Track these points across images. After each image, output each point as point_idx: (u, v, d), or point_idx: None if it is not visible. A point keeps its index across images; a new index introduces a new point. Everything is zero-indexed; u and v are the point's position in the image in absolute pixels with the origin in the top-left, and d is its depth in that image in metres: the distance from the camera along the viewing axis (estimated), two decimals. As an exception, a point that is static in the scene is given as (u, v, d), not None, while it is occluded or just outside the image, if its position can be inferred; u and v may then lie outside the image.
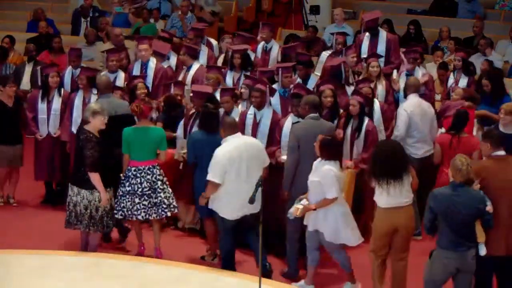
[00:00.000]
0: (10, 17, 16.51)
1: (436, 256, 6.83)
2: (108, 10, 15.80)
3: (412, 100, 9.32)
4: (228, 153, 7.78)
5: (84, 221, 8.10)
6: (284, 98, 9.42)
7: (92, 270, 7.86)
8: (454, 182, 6.76)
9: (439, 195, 6.78)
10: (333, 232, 7.60)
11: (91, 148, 7.96)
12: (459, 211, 6.66)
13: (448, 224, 6.70)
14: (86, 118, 8.15)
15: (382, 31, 11.25)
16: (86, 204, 8.05)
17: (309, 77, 9.90)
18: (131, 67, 10.65)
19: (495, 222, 6.86)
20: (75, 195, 8.09)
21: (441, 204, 6.73)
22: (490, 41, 12.90)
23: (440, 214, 6.74)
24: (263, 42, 11.33)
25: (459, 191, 6.71)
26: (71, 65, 10.63)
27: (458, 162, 6.75)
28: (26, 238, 9.00)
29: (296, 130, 8.15)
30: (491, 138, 7.18)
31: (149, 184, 8.19)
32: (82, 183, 8.03)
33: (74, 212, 8.11)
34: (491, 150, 7.12)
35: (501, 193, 6.94)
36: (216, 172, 7.76)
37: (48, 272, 7.79)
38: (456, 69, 10.79)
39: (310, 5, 15.44)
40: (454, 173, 6.75)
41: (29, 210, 9.91)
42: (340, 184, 7.64)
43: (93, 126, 8.08)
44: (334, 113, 9.05)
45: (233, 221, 7.90)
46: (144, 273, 7.85)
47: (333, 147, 7.67)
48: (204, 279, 7.79)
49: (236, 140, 7.91)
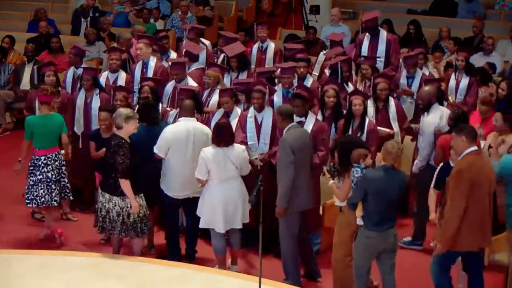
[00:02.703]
0: (10, 17, 16.51)
1: (362, 237, 7.11)
2: (108, 10, 15.82)
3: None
4: (176, 132, 8.25)
5: (117, 228, 8.02)
6: (287, 99, 9.42)
7: (92, 270, 7.85)
8: (385, 165, 7.05)
9: (371, 176, 7.06)
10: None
11: (123, 154, 7.83)
12: (387, 192, 6.98)
13: (376, 204, 6.99)
14: (118, 124, 7.96)
15: (382, 31, 11.27)
16: (118, 210, 7.96)
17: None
18: (134, 67, 10.65)
19: (472, 218, 6.88)
20: (107, 202, 7.99)
21: (372, 185, 7.00)
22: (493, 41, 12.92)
23: (371, 195, 7.02)
24: (258, 42, 11.35)
25: (389, 174, 7.00)
26: (72, 64, 10.63)
27: (389, 146, 7.06)
28: (26, 238, 9.00)
29: (288, 142, 7.76)
30: (466, 132, 7.09)
31: (57, 170, 8.71)
32: (113, 190, 7.93)
33: (108, 218, 8.02)
34: (466, 144, 7.02)
35: (478, 189, 6.92)
36: (160, 147, 8.24)
37: (48, 272, 7.79)
38: (458, 69, 10.77)
39: (310, 5, 15.45)
40: (385, 156, 7.04)
41: (29, 209, 9.89)
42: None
43: (125, 132, 7.95)
44: (337, 113, 9.04)
45: (175, 199, 8.34)
46: (144, 273, 7.85)
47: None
48: (204, 279, 7.78)
49: (187, 123, 8.32)
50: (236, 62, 10.38)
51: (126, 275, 7.79)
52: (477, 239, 7.01)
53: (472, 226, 6.94)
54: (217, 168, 7.94)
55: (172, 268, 8.00)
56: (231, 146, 8.04)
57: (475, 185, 6.90)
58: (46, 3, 16.52)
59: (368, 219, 7.07)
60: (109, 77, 10.43)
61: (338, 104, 9.06)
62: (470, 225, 6.92)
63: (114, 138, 7.96)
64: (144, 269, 7.94)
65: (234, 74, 10.40)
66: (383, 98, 9.38)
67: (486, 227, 7.04)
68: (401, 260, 7.66)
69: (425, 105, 8.82)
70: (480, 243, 7.08)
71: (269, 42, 11.43)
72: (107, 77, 10.46)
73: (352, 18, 15.67)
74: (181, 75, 9.87)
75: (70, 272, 7.77)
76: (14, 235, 9.14)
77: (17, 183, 10.50)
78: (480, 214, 6.96)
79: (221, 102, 9.04)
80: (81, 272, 7.78)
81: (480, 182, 6.93)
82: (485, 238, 7.09)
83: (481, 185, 6.93)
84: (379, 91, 9.37)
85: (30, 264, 7.94)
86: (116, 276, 7.77)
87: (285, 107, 8.22)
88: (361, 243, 7.13)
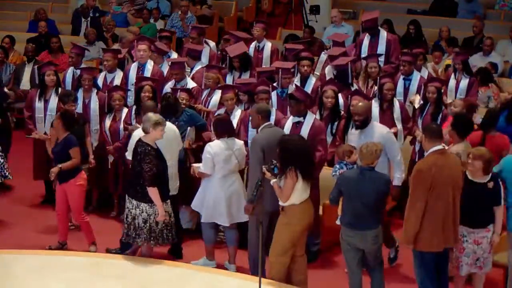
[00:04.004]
0: (10, 17, 16.52)
1: (342, 235, 7.21)
2: (108, 10, 15.83)
3: None
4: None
5: (143, 235, 7.85)
6: (282, 99, 9.43)
7: (92, 270, 7.84)
8: (362, 166, 7.09)
9: (347, 177, 7.14)
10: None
11: (150, 162, 7.67)
12: (361, 194, 6.99)
13: (351, 204, 7.04)
14: (146, 129, 7.80)
15: (382, 31, 11.28)
16: (145, 217, 7.81)
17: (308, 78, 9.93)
18: (128, 68, 10.62)
19: (434, 218, 6.87)
20: (134, 208, 7.87)
21: (348, 185, 7.06)
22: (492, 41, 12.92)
23: (345, 195, 7.07)
24: (255, 41, 11.36)
25: (364, 175, 7.02)
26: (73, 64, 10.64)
27: (363, 147, 7.10)
28: (26, 238, 9.00)
29: (259, 142, 7.79)
30: (428, 131, 7.09)
31: None
32: (141, 197, 7.79)
33: (133, 225, 7.91)
34: (429, 144, 7.01)
35: (439, 189, 6.89)
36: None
37: (48, 272, 7.78)
38: (457, 70, 10.76)
39: (310, 5, 15.45)
40: (363, 158, 7.06)
41: (29, 210, 9.90)
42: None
43: (152, 138, 7.79)
44: (334, 114, 9.03)
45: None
46: (144, 273, 7.84)
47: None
48: (204, 279, 7.77)
49: None
50: (238, 62, 10.38)
51: (126, 275, 7.79)
52: (439, 239, 6.95)
53: (434, 226, 6.90)
54: (223, 161, 7.98)
55: (172, 268, 8.00)
56: (233, 139, 8.10)
57: (436, 185, 6.86)
58: (46, 3, 16.53)
59: (343, 217, 7.18)
60: (107, 77, 10.45)
61: (336, 104, 9.06)
62: (431, 225, 6.89)
63: (141, 145, 7.80)
64: (144, 269, 7.93)
65: (237, 74, 10.41)
66: (389, 98, 9.36)
67: (449, 227, 6.97)
68: (402, 258, 7.67)
69: (362, 121, 8.18)
70: (443, 243, 7.01)
71: (266, 42, 11.43)
72: (104, 77, 10.48)
73: (352, 18, 15.66)
74: (180, 74, 9.87)
75: (70, 272, 7.76)
76: (14, 235, 9.14)
77: (17, 183, 10.52)
78: (442, 214, 6.91)
79: (225, 99, 9.02)
80: (81, 272, 7.77)
81: (442, 182, 6.87)
82: (448, 238, 7.00)
83: (443, 185, 6.88)
84: (386, 91, 9.34)
85: (30, 264, 7.92)
86: (116, 276, 7.77)
87: (264, 106, 8.27)
88: (342, 240, 7.22)
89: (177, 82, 9.85)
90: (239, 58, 10.40)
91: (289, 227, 7.32)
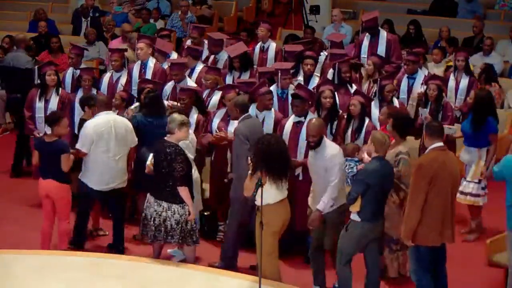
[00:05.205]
0: (10, 17, 16.53)
1: (356, 228, 7.20)
2: (108, 10, 15.84)
3: None
4: (97, 126, 8.43)
5: (176, 236, 7.89)
6: (282, 99, 9.43)
7: (92, 270, 7.85)
8: (379, 156, 7.20)
9: (371, 170, 7.15)
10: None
11: (181, 162, 7.73)
12: (386, 182, 7.21)
13: (375, 196, 7.13)
14: (171, 129, 7.85)
15: (382, 31, 11.28)
16: (177, 218, 7.84)
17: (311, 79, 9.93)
18: (131, 67, 10.64)
19: (432, 213, 6.95)
20: (164, 211, 7.85)
21: (373, 177, 7.10)
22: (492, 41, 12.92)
23: (373, 187, 7.10)
24: (260, 42, 11.36)
25: (384, 164, 7.21)
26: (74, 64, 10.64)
27: (380, 136, 7.20)
28: (26, 238, 9.00)
29: (241, 130, 8.06)
30: (429, 129, 7.22)
31: None
32: (172, 198, 7.82)
33: (163, 227, 7.90)
34: (430, 140, 7.14)
35: (439, 184, 6.97)
36: (84, 142, 8.45)
37: (48, 272, 7.79)
38: (457, 69, 10.76)
39: (310, 5, 15.45)
40: (379, 147, 7.18)
41: (29, 210, 9.90)
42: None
43: (176, 138, 7.84)
44: (333, 114, 9.03)
45: (96, 191, 8.52)
46: (144, 273, 7.85)
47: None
48: (204, 279, 7.79)
49: (107, 117, 8.53)
50: (238, 62, 10.38)
51: (126, 275, 7.79)
52: (437, 235, 7.04)
53: (433, 221, 7.00)
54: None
55: (172, 268, 8.01)
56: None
57: (436, 180, 6.95)
58: (46, 3, 16.55)
59: (365, 212, 7.15)
60: (113, 76, 10.48)
61: (334, 105, 9.06)
62: (430, 220, 6.98)
63: (169, 146, 7.79)
64: (144, 269, 7.94)
65: (237, 74, 10.41)
66: (389, 100, 9.37)
67: (447, 223, 7.06)
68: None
69: (316, 141, 7.62)
70: (441, 239, 7.10)
71: (271, 42, 11.43)
72: (110, 76, 10.51)
73: (352, 18, 15.67)
74: (180, 75, 9.88)
75: (70, 272, 7.77)
76: (14, 235, 9.14)
77: (17, 183, 10.54)
78: (441, 210, 7.00)
79: (227, 98, 9.02)
80: (81, 272, 7.78)
81: (442, 177, 6.97)
82: (446, 234, 7.08)
83: (442, 180, 6.97)
84: (387, 92, 9.35)
85: (30, 264, 7.94)
86: (116, 276, 7.78)
87: (242, 98, 8.48)
88: (355, 234, 7.22)
89: (177, 83, 9.85)
90: (239, 58, 10.39)
91: (265, 226, 7.38)
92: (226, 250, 8.25)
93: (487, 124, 8.91)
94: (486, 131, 8.90)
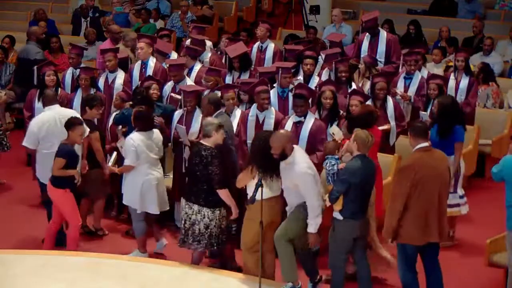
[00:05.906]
0: (10, 17, 16.53)
1: (339, 227, 7.23)
2: (108, 10, 15.83)
3: None
4: (41, 122, 8.64)
5: (204, 240, 7.79)
6: (282, 98, 9.43)
7: (92, 270, 7.85)
8: (360, 154, 7.19)
9: (353, 168, 7.15)
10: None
11: (218, 164, 7.65)
12: (366, 182, 7.19)
13: (357, 194, 7.13)
14: (208, 132, 7.75)
15: (382, 31, 11.28)
16: (207, 222, 7.75)
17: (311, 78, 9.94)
18: (132, 67, 10.64)
19: (416, 213, 6.97)
20: (194, 214, 7.76)
21: (355, 176, 7.10)
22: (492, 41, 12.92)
23: (354, 186, 7.11)
24: (258, 42, 11.36)
25: (366, 162, 7.20)
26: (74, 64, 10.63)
27: (363, 135, 7.20)
28: (26, 238, 9.00)
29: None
30: (413, 129, 7.23)
31: None
32: (204, 202, 7.73)
33: (191, 230, 7.81)
34: (415, 141, 7.16)
35: (423, 185, 6.98)
36: (29, 139, 8.70)
37: (48, 272, 7.79)
38: (457, 69, 10.75)
39: (310, 5, 15.45)
40: (361, 146, 7.18)
41: (29, 210, 9.90)
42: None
43: (213, 141, 7.73)
44: (333, 114, 9.04)
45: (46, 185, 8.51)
46: (144, 273, 7.85)
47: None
48: (204, 279, 7.78)
49: (51, 111, 8.72)
50: (238, 62, 10.39)
51: (126, 275, 7.79)
52: (420, 234, 7.05)
53: (415, 221, 7.02)
54: (147, 150, 8.32)
55: (172, 268, 8.01)
56: (152, 131, 8.45)
57: (419, 181, 6.97)
58: (46, 3, 16.56)
59: (348, 210, 7.18)
60: (108, 77, 10.44)
61: (334, 105, 9.06)
62: (413, 219, 7.01)
63: (205, 149, 7.71)
64: (144, 269, 7.95)
65: (236, 74, 10.41)
66: (382, 97, 9.39)
67: (432, 222, 7.06)
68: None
69: (280, 154, 7.32)
70: (425, 238, 7.09)
71: (269, 43, 11.43)
72: (106, 77, 10.48)
73: (352, 18, 15.67)
74: (179, 76, 9.86)
75: (70, 272, 7.77)
76: (14, 235, 9.14)
77: (17, 183, 10.53)
78: (425, 209, 7.02)
79: (226, 98, 9.01)
80: (81, 272, 7.79)
81: (426, 178, 6.99)
82: (432, 233, 7.08)
83: (427, 181, 6.99)
84: (378, 90, 9.39)
85: (30, 264, 7.94)
86: (116, 276, 7.78)
87: (214, 96, 8.71)
88: (340, 233, 7.25)
89: (176, 83, 9.85)
90: (239, 58, 10.40)
91: (251, 222, 7.42)
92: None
93: (454, 132, 8.64)
94: (453, 140, 8.63)
